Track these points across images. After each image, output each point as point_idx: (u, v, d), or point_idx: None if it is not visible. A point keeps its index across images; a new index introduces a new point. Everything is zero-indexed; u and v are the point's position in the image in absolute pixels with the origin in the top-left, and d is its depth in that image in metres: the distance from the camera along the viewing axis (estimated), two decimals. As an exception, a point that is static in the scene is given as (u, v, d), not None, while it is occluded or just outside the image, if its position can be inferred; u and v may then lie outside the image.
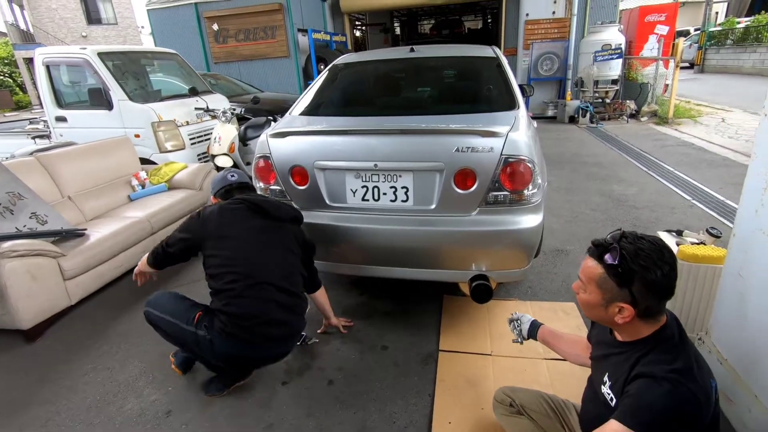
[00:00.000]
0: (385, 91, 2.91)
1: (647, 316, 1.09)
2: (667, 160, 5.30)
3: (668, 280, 1.04)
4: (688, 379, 1.01)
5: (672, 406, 0.99)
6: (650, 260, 1.03)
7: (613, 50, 7.95)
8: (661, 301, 1.08)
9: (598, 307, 1.13)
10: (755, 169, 1.54)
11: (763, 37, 14.57)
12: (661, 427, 0.99)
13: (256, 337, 1.75)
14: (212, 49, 8.72)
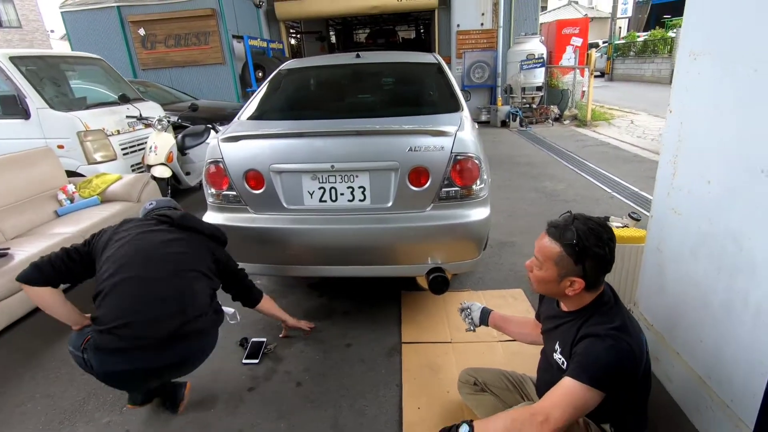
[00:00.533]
0: (335, 94, 2.97)
1: (592, 287, 1.25)
2: (589, 159, 5.85)
3: (612, 255, 1.21)
4: (625, 335, 1.17)
5: (615, 358, 1.14)
6: (601, 239, 1.18)
7: (537, 59, 8.63)
8: (604, 273, 1.24)
9: (552, 282, 1.27)
10: (665, 159, 1.80)
11: (659, 49, 16.53)
12: (608, 377, 1.14)
13: (124, 342, 1.48)
14: (139, 55, 8.22)
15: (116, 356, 1.51)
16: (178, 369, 1.70)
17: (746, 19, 1.34)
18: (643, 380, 1.29)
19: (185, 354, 1.63)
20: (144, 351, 1.52)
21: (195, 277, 1.69)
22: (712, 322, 1.54)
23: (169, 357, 1.58)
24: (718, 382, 1.52)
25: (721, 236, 1.46)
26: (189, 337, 1.60)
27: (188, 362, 1.68)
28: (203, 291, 1.69)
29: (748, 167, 1.33)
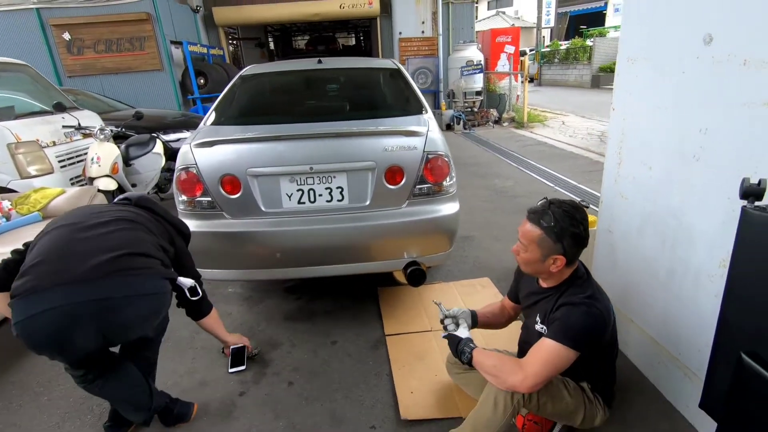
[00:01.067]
0: (302, 99, 3.01)
1: (571, 263, 1.43)
2: (530, 157, 6.31)
3: (587, 232, 1.40)
4: (596, 302, 1.38)
5: (588, 322, 1.34)
6: (575, 219, 1.37)
7: (476, 66, 9.14)
8: (581, 249, 1.42)
9: (537, 262, 1.44)
10: (611, 151, 2.05)
11: (580, 57, 18.07)
12: (582, 338, 1.33)
13: (41, 280, 1.27)
14: (64, 61, 7.60)
15: (33, 298, 1.27)
16: (108, 315, 1.34)
17: (670, 30, 1.60)
18: (611, 343, 1.49)
19: (113, 291, 1.33)
20: (63, 286, 1.28)
21: (143, 238, 1.51)
22: (659, 289, 1.79)
23: (94, 291, 1.30)
24: (668, 340, 1.77)
25: (664, 214, 1.72)
26: (120, 273, 1.35)
27: (119, 308, 1.35)
28: (150, 243, 1.52)
29: (682, 154, 1.59)
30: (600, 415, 1.53)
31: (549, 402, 1.43)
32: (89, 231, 1.43)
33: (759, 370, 1.00)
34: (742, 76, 1.33)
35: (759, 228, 1.01)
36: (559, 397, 1.44)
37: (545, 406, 1.42)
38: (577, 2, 27.21)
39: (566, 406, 1.46)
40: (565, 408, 1.46)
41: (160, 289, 1.48)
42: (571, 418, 1.51)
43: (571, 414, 1.49)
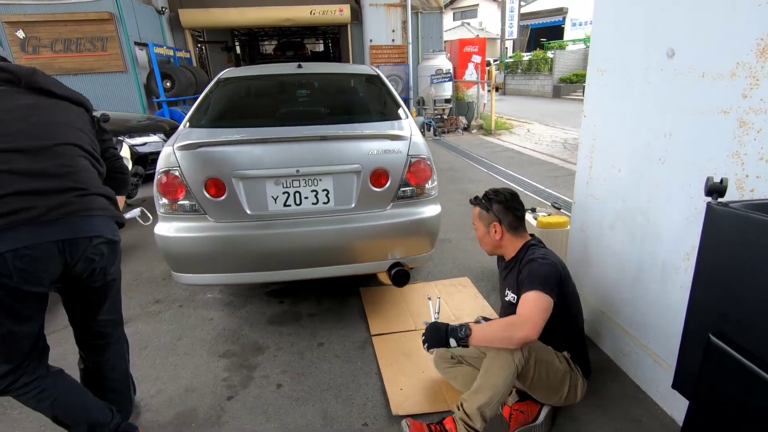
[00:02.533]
0: (287, 102, 3.01)
1: (513, 229, 1.71)
2: (500, 163, 6.53)
3: (512, 201, 1.72)
4: (549, 255, 1.64)
5: (547, 268, 1.57)
6: (498, 192, 1.76)
7: (445, 74, 9.38)
8: (515, 217, 1.71)
9: (485, 236, 1.76)
10: (583, 154, 2.19)
11: (541, 68, 18.86)
12: (550, 281, 1.54)
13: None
14: (18, 60, 7.20)
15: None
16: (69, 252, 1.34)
17: (636, 44, 1.74)
18: (574, 304, 1.70)
19: (72, 233, 1.34)
20: (27, 225, 1.24)
21: (77, 154, 1.43)
22: (630, 283, 1.92)
23: (56, 233, 1.30)
24: (638, 329, 1.90)
25: (633, 212, 1.85)
26: (75, 214, 1.35)
27: (80, 248, 1.36)
28: (89, 170, 1.46)
29: (649, 157, 1.73)
30: (581, 387, 1.67)
31: (544, 365, 1.56)
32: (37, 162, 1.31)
33: (726, 349, 1.12)
34: (701, 86, 1.47)
35: (723, 222, 1.12)
36: (551, 360, 1.59)
37: (540, 369, 1.55)
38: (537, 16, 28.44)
39: (557, 371, 1.59)
40: (555, 374, 1.59)
41: (112, 228, 1.53)
42: (558, 390, 1.62)
43: (559, 384, 1.61)
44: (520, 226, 1.73)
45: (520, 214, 1.73)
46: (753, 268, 1.05)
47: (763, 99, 1.29)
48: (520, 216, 1.73)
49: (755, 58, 1.29)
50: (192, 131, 2.41)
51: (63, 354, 2.23)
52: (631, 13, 1.77)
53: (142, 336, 2.39)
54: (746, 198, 1.36)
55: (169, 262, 2.26)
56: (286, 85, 3.18)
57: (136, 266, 3.29)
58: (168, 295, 2.82)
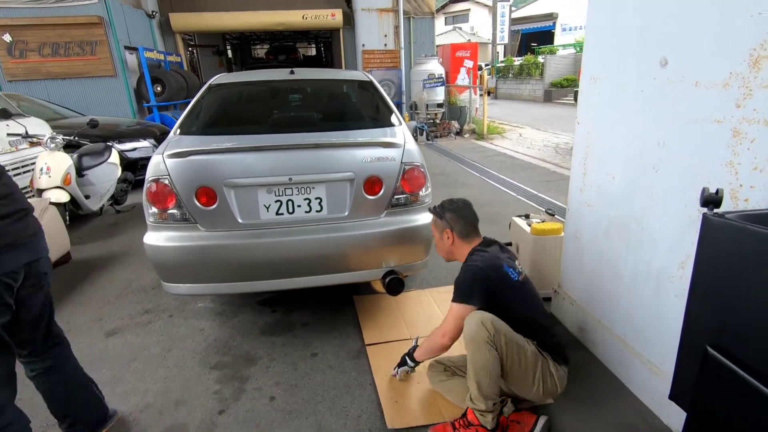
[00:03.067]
0: (279, 109, 2.98)
1: (464, 235, 1.84)
2: (492, 167, 6.55)
3: (464, 210, 1.86)
4: (476, 261, 1.72)
5: (467, 276, 1.71)
6: (452, 201, 1.90)
7: (437, 79, 9.41)
8: (466, 224, 1.84)
9: (440, 242, 1.91)
10: (577, 162, 2.19)
11: (532, 72, 19.02)
12: (466, 290, 1.69)
13: None
14: (5, 64, 7.08)
15: None
16: None
17: (629, 53, 1.75)
18: (514, 293, 1.72)
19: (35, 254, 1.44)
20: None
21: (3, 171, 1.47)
22: (624, 291, 1.92)
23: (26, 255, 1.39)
24: (634, 338, 1.90)
25: (627, 219, 1.85)
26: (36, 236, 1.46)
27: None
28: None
29: (643, 165, 1.73)
30: (556, 373, 1.69)
31: (514, 345, 1.63)
32: None
33: (723, 361, 1.11)
34: (694, 95, 1.48)
35: (719, 233, 1.12)
36: (521, 342, 1.65)
37: (512, 350, 1.62)
38: (528, 21, 28.74)
39: (527, 353, 1.64)
40: (525, 356, 1.64)
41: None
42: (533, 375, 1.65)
43: (532, 367, 1.65)
44: (471, 233, 1.85)
45: (471, 222, 1.86)
46: (749, 279, 1.04)
47: (757, 109, 1.29)
48: (471, 224, 1.86)
49: (748, 69, 1.30)
50: (182, 139, 2.37)
51: (49, 367, 2.17)
52: (624, 21, 1.78)
53: (131, 347, 2.33)
54: (740, 208, 1.36)
55: (159, 272, 2.22)
56: (278, 92, 3.16)
57: (125, 275, 3.23)
58: (158, 305, 2.76)
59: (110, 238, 4.06)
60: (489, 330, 1.58)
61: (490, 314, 1.64)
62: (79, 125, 5.01)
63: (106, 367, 2.17)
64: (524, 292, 1.76)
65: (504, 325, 1.64)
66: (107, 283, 3.09)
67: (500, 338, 1.60)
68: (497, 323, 1.62)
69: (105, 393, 1.96)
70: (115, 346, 2.35)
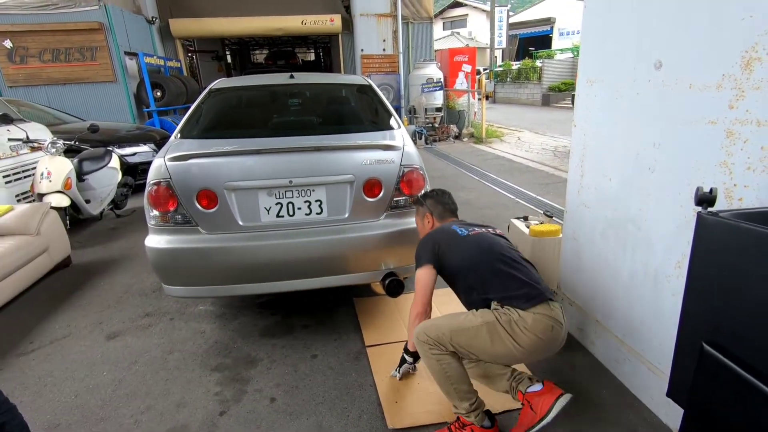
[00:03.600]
0: (279, 113, 3.00)
1: (440, 219, 2.02)
2: (491, 170, 6.58)
3: (442, 196, 2.08)
4: (428, 234, 1.94)
5: (421, 244, 1.89)
6: (433, 190, 2.12)
7: (435, 83, 9.46)
8: (444, 209, 2.03)
9: (422, 228, 2.07)
10: (574, 164, 2.21)
11: (530, 76, 19.11)
12: (419, 252, 1.86)
13: None
14: (5, 70, 7.11)
15: None
16: None
17: (624, 55, 1.77)
18: (458, 257, 1.76)
19: None
20: None
21: None
22: (622, 291, 1.93)
23: None
24: (632, 338, 1.91)
25: (624, 221, 1.87)
26: None
27: None
28: None
29: (639, 166, 1.75)
30: (521, 324, 1.54)
31: (460, 333, 1.60)
32: None
33: (719, 358, 1.12)
34: (688, 97, 1.50)
35: (713, 231, 1.14)
36: (459, 325, 1.62)
37: (459, 339, 1.60)
38: (526, 26, 28.91)
39: (471, 329, 1.59)
40: (473, 333, 1.58)
41: None
42: (493, 344, 1.57)
43: (487, 338, 1.57)
44: (446, 216, 2.03)
45: (449, 207, 2.06)
46: (744, 276, 1.06)
47: (749, 110, 1.31)
48: (449, 209, 2.06)
49: (740, 70, 1.32)
50: (183, 142, 2.39)
51: (50, 371, 2.18)
52: (619, 25, 1.81)
53: (131, 350, 2.34)
54: (735, 207, 1.38)
55: (160, 275, 2.23)
56: (278, 96, 3.18)
57: (125, 278, 3.24)
58: (158, 308, 2.77)
59: (110, 242, 4.07)
60: (426, 340, 1.62)
61: (426, 322, 1.69)
62: (79, 130, 5.03)
63: (107, 370, 2.18)
64: (471, 243, 1.77)
65: (441, 321, 1.67)
66: (107, 287, 3.10)
67: (443, 339, 1.60)
68: (432, 327, 1.64)
69: (106, 396, 1.99)
70: (116, 349, 2.36)
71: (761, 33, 1.25)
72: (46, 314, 2.74)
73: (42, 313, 2.75)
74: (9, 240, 3.00)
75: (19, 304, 2.87)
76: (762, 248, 1.01)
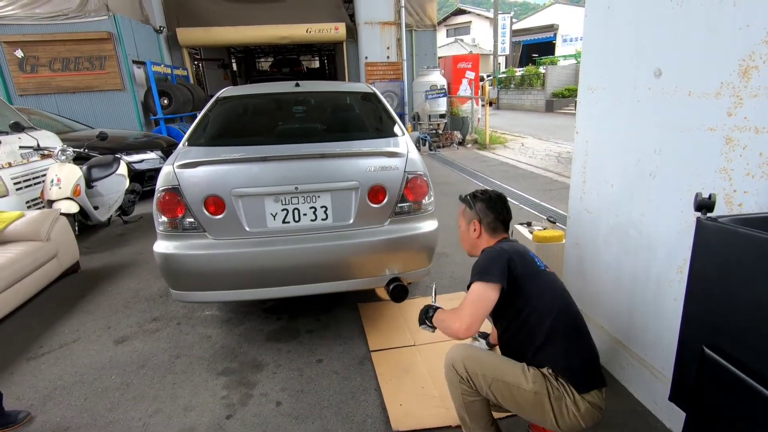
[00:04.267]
0: (285, 120, 3.06)
1: (491, 230, 1.66)
2: (494, 176, 6.60)
3: (496, 202, 1.68)
4: (500, 246, 1.55)
5: (487, 256, 1.52)
6: (485, 192, 1.73)
7: (439, 90, 9.53)
8: (495, 218, 1.65)
9: (465, 233, 1.74)
10: (576, 170, 2.24)
11: (534, 83, 19.17)
12: (487, 266, 1.46)
13: None
14: (16, 79, 7.25)
15: None
16: None
17: (624, 63, 1.80)
18: (533, 278, 1.48)
19: None
20: None
21: None
22: (624, 296, 1.95)
23: None
24: (635, 342, 1.92)
25: (625, 226, 1.89)
26: None
27: None
28: None
29: (640, 172, 1.78)
30: (574, 409, 1.38)
31: (500, 385, 1.41)
32: None
33: (719, 361, 1.14)
34: (687, 104, 1.53)
35: (712, 236, 1.16)
36: (506, 380, 1.42)
37: (499, 388, 1.42)
38: (529, 33, 29.05)
39: (522, 393, 1.40)
40: (521, 396, 1.40)
41: None
42: (542, 412, 1.41)
43: (536, 406, 1.41)
44: (498, 228, 1.66)
45: (502, 217, 1.67)
46: (742, 280, 1.08)
47: (747, 117, 1.34)
48: (501, 219, 1.66)
49: (738, 78, 1.35)
50: (191, 150, 2.44)
51: (59, 374, 2.22)
52: (618, 33, 1.84)
53: (139, 354, 2.37)
54: (735, 212, 1.40)
55: (168, 280, 2.26)
56: (284, 104, 3.24)
57: (133, 284, 3.28)
58: (166, 313, 2.81)
59: (118, 248, 4.12)
60: (461, 373, 1.46)
61: (469, 350, 1.50)
62: (88, 138, 5.12)
63: (115, 374, 2.21)
64: (548, 284, 1.50)
65: (486, 359, 1.47)
66: (115, 292, 3.14)
67: (479, 381, 1.43)
68: (473, 364, 1.45)
69: (115, 399, 2.02)
70: (124, 353, 2.39)
71: (758, 42, 1.28)
72: (55, 319, 2.78)
73: (51, 318, 2.79)
74: (19, 246, 3.06)
75: (28, 310, 2.92)
76: (761, 253, 1.03)
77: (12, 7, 7.07)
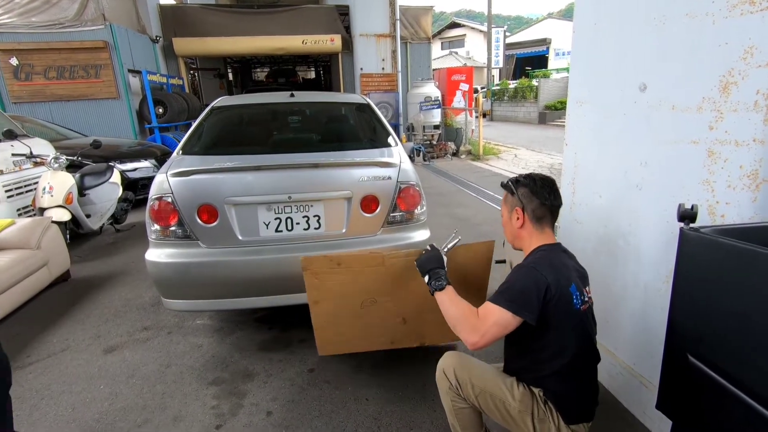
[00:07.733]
0: (279, 130, 3.08)
1: (536, 219, 1.45)
2: (488, 187, 6.66)
3: (542, 186, 1.45)
4: (541, 268, 1.33)
5: (526, 282, 1.32)
6: (529, 176, 1.50)
7: (433, 102, 9.63)
8: (541, 205, 1.44)
9: (508, 223, 1.53)
10: (566, 181, 2.27)
11: (526, 95, 19.44)
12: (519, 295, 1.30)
13: None
14: (10, 87, 7.23)
15: None
16: None
17: (611, 78, 1.85)
18: (563, 319, 1.34)
19: None
20: None
21: None
22: (613, 305, 1.97)
23: None
24: (624, 351, 1.94)
25: (614, 236, 1.92)
26: None
27: None
28: None
29: (627, 184, 1.81)
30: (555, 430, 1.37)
31: (487, 397, 1.42)
32: None
33: (703, 369, 1.16)
34: (672, 118, 1.57)
35: (695, 246, 1.19)
36: (494, 393, 1.41)
37: (485, 401, 1.43)
38: (522, 46, 29.54)
39: (507, 409, 1.40)
40: (506, 411, 1.40)
41: None
42: (523, 428, 1.41)
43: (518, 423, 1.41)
44: (544, 218, 1.46)
45: (549, 204, 1.45)
46: (724, 289, 1.10)
47: (728, 131, 1.38)
48: (548, 205, 1.45)
49: (719, 93, 1.39)
50: (185, 158, 2.45)
51: (47, 384, 2.19)
52: (605, 49, 1.89)
53: (129, 364, 2.35)
54: (718, 223, 1.44)
55: (160, 288, 2.26)
56: (278, 114, 3.27)
57: (124, 292, 3.25)
58: (157, 322, 2.79)
59: (109, 256, 4.10)
60: (451, 380, 1.47)
61: (461, 358, 1.49)
62: (82, 146, 5.11)
63: (104, 384, 2.18)
64: (579, 324, 1.39)
65: (477, 370, 1.46)
66: (106, 301, 3.12)
67: (467, 390, 1.44)
68: (463, 372, 1.45)
69: (103, 409, 2.00)
70: (114, 362, 2.37)
71: (736, 59, 1.32)
72: (44, 328, 2.75)
73: (40, 327, 2.76)
74: (10, 254, 3.03)
75: (17, 318, 2.89)
76: (741, 263, 1.06)
77: (8, 15, 7.09)
